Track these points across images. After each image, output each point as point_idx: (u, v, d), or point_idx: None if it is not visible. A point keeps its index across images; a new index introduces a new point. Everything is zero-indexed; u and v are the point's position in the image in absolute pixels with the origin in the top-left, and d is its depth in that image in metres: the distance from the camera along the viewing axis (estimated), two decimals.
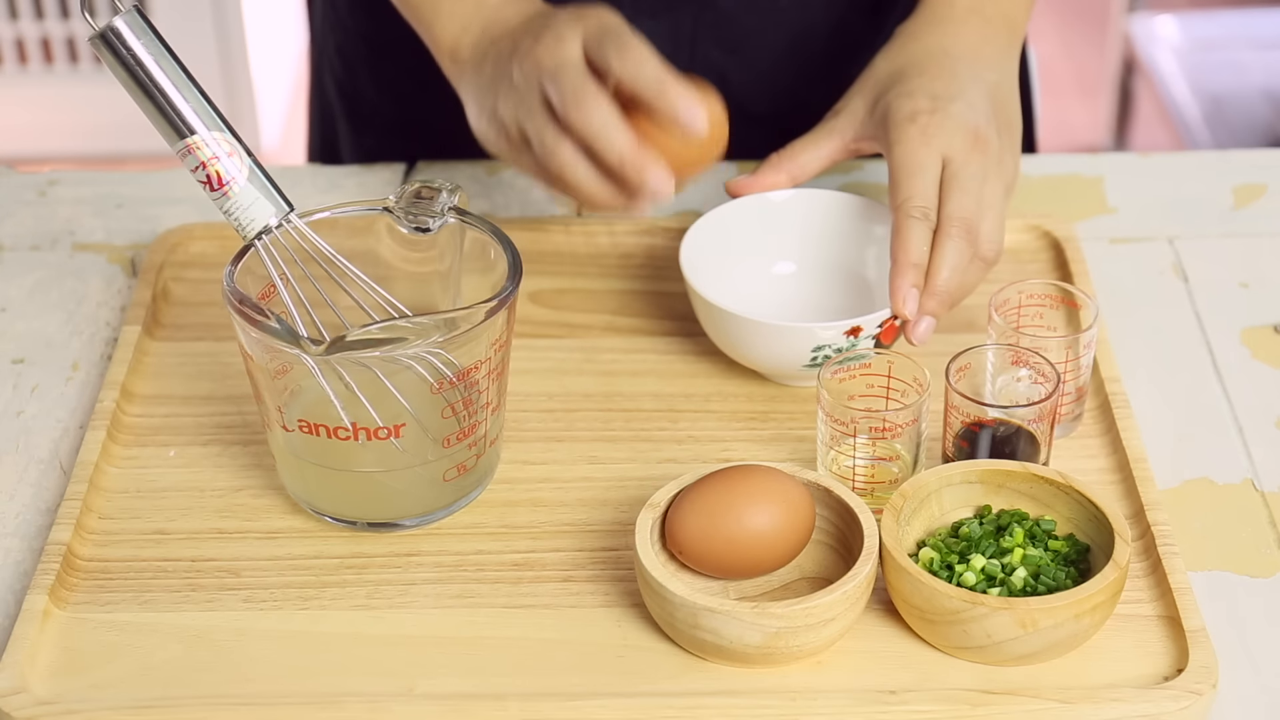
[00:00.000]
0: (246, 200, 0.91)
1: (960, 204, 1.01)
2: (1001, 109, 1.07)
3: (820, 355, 1.02)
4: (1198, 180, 1.27)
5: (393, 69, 1.32)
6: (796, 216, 1.11)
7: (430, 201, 0.98)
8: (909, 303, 1.00)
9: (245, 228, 0.92)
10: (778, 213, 1.11)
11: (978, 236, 1.01)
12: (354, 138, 1.38)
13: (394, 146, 1.32)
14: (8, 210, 1.25)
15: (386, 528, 0.97)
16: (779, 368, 1.04)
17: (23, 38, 2.93)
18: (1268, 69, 2.76)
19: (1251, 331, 1.12)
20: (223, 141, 0.90)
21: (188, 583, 0.95)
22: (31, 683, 0.89)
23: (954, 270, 1.00)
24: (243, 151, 0.91)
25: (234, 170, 0.90)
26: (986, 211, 1.02)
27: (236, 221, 0.92)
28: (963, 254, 1.00)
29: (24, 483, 1.02)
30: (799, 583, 0.94)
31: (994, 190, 1.02)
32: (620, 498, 1.00)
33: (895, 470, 0.97)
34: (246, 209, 0.92)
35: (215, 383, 1.08)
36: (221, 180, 0.90)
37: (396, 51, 1.30)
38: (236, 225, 0.92)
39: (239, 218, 0.92)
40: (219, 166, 0.90)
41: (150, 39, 0.90)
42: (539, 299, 1.14)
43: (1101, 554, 0.91)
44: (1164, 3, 3.08)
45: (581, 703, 0.87)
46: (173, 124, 0.91)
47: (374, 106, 1.35)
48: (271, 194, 0.93)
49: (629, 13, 1.05)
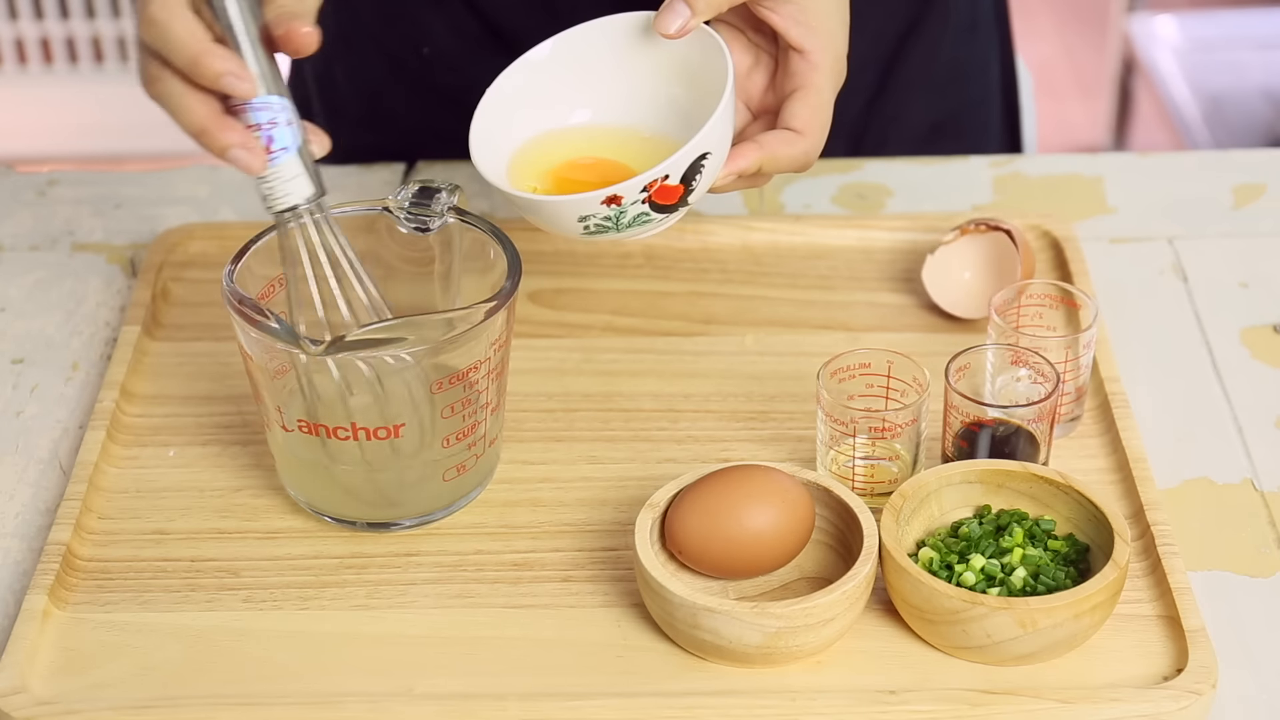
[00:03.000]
0: (288, 174, 0.91)
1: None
2: None
3: (591, 224, 0.95)
4: (1197, 180, 1.27)
5: (361, 60, 1.32)
6: (579, 63, 1.02)
7: (430, 201, 0.98)
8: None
9: (277, 200, 0.91)
10: (553, 68, 1.02)
11: None
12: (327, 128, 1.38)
13: (364, 139, 1.32)
14: (7, 210, 1.25)
15: (386, 528, 0.97)
16: (564, 235, 0.98)
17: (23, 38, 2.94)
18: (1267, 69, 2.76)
19: (1251, 331, 1.12)
20: (284, 109, 0.90)
21: (187, 583, 0.95)
22: (31, 683, 0.89)
23: None
24: (299, 126, 0.91)
25: (284, 141, 0.90)
26: None
27: (270, 190, 0.91)
28: None
29: (24, 483, 1.02)
30: (799, 583, 0.94)
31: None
32: (620, 498, 1.00)
33: (895, 470, 0.97)
34: (285, 182, 0.91)
35: (215, 383, 1.08)
36: (270, 148, 0.90)
37: (366, 45, 1.31)
38: (268, 193, 0.91)
39: (274, 187, 0.91)
40: (273, 134, 0.90)
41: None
42: (539, 299, 1.14)
43: (1101, 554, 0.91)
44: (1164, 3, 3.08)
45: (581, 703, 0.87)
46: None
47: (345, 98, 1.35)
48: (312, 175, 0.92)
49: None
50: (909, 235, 1.18)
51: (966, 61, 1.35)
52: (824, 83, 0.98)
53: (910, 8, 1.29)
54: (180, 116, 0.90)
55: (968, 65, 1.35)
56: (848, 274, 1.16)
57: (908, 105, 1.33)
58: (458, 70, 1.27)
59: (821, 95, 0.98)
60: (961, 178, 1.27)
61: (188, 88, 0.89)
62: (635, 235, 0.97)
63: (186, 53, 0.88)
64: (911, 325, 1.12)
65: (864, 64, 1.29)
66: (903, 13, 1.29)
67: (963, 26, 1.33)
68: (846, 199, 1.25)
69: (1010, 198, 1.25)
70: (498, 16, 1.26)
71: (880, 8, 1.27)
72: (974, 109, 1.37)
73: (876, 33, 1.29)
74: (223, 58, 0.88)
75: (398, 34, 1.29)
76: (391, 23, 1.29)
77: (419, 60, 1.29)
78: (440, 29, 1.27)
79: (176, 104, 0.90)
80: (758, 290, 1.15)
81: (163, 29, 0.88)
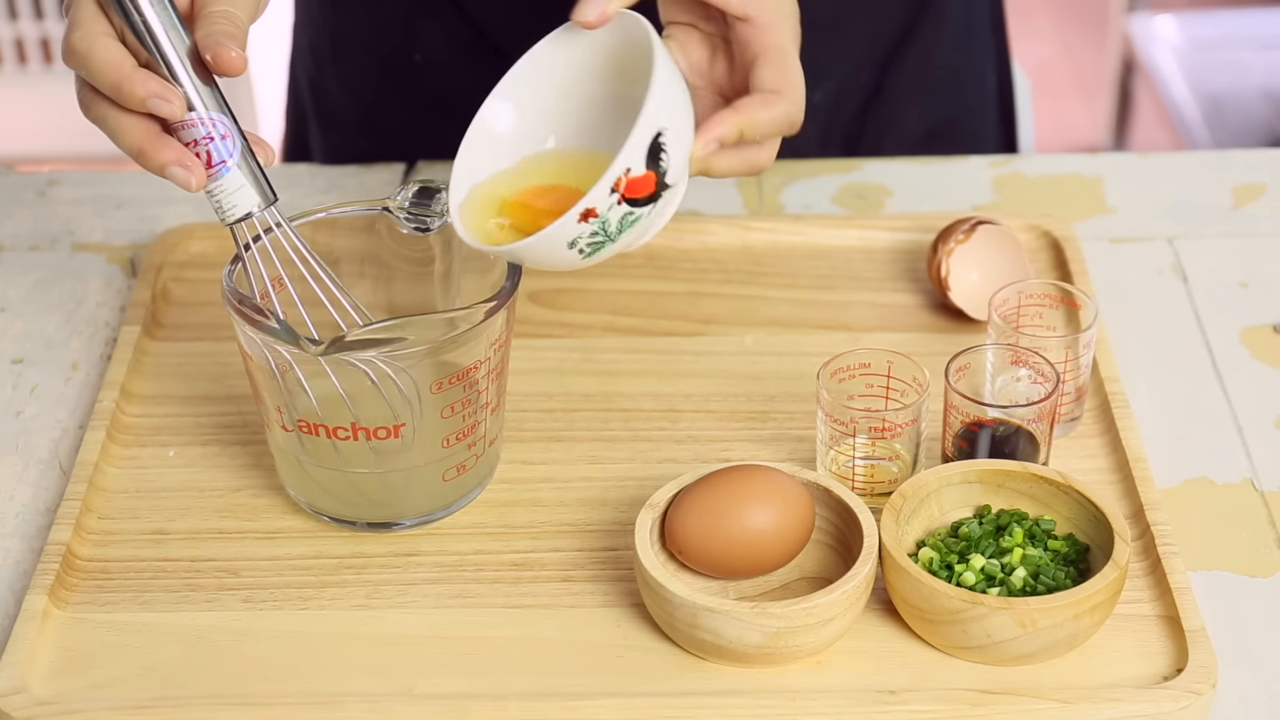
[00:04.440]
0: (232, 185, 0.91)
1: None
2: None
3: (584, 244, 0.91)
4: (1197, 180, 1.27)
5: (353, 66, 1.32)
6: (538, 89, 0.98)
7: (430, 201, 0.98)
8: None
9: (226, 212, 0.92)
10: (519, 95, 0.99)
11: None
12: (321, 134, 1.38)
13: (356, 144, 1.32)
14: (7, 210, 1.25)
15: (386, 528, 0.97)
16: (565, 269, 0.95)
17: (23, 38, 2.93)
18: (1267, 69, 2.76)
19: (1251, 331, 1.12)
20: (218, 123, 0.90)
21: (187, 583, 0.95)
22: (31, 683, 0.89)
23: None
24: (237, 137, 0.91)
25: (223, 154, 0.90)
26: None
27: (218, 204, 0.92)
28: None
29: (24, 483, 1.02)
30: (799, 583, 0.94)
31: None
32: (620, 498, 1.00)
33: (895, 470, 0.97)
34: (231, 194, 0.91)
35: (215, 383, 1.08)
36: (210, 162, 0.90)
37: (357, 50, 1.31)
38: (217, 208, 0.92)
39: (221, 201, 0.92)
40: (210, 148, 0.90)
41: (165, 11, 0.89)
42: (538, 299, 1.14)
43: (1101, 554, 0.91)
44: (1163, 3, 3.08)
45: (581, 703, 0.87)
46: None
47: (338, 103, 1.35)
48: (259, 183, 0.92)
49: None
50: (909, 235, 1.18)
51: (963, 68, 1.35)
52: (782, 41, 0.95)
53: (906, 12, 1.29)
54: (117, 139, 0.90)
55: (964, 71, 1.35)
56: (848, 274, 1.16)
57: (903, 111, 1.33)
58: (450, 76, 1.28)
59: (784, 54, 0.95)
60: (961, 178, 1.27)
61: (120, 111, 0.89)
62: (635, 239, 0.94)
63: (110, 80, 0.88)
64: (911, 325, 1.12)
65: (859, 67, 1.30)
66: (899, 17, 1.29)
67: (959, 32, 1.33)
68: (846, 199, 1.25)
69: (1010, 198, 1.25)
70: (489, 24, 1.26)
71: (876, 11, 1.27)
72: (970, 115, 1.37)
73: (872, 36, 1.29)
74: (145, 81, 0.87)
75: (390, 41, 1.29)
76: (384, 30, 1.29)
77: (411, 67, 1.29)
78: (432, 36, 1.28)
79: (113, 127, 0.90)
80: (757, 290, 1.15)
81: (84, 58, 0.88)
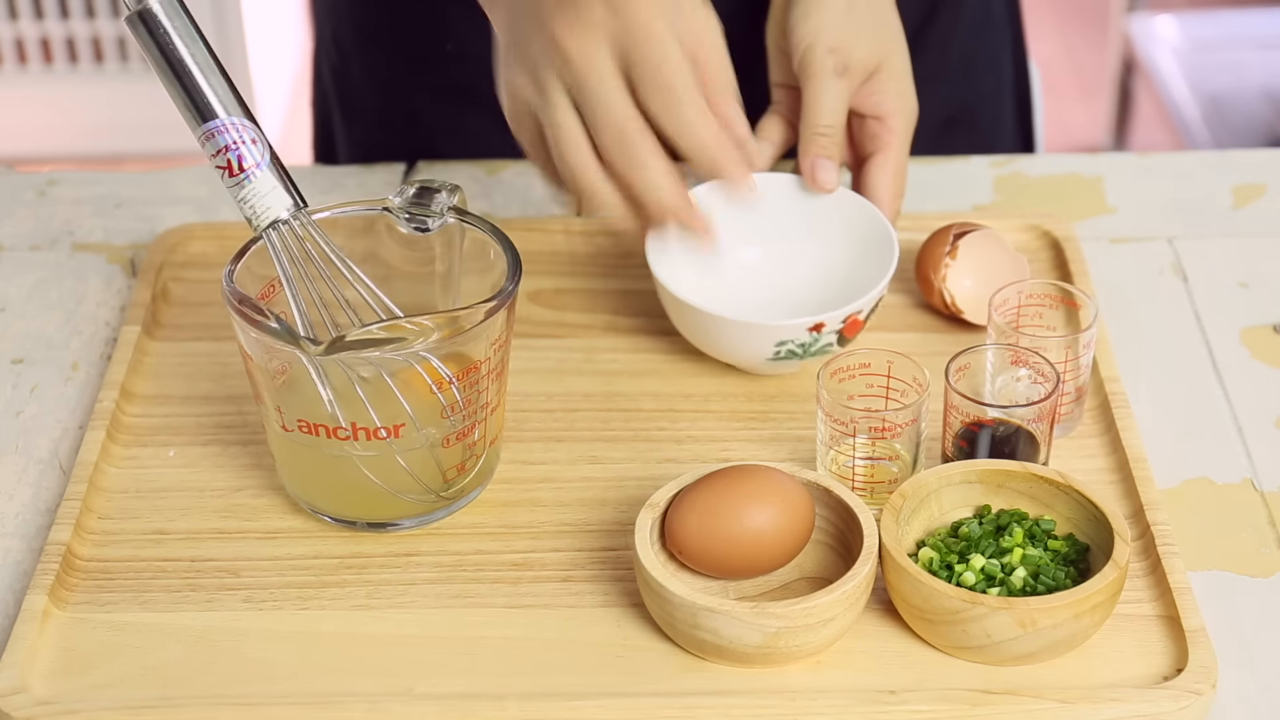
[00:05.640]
0: (264, 188, 0.91)
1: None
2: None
3: (784, 350, 1.02)
4: (1197, 180, 1.27)
5: (380, 58, 1.32)
6: (762, 201, 1.08)
7: (430, 201, 0.98)
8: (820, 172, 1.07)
9: (259, 216, 0.92)
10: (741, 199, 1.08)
11: None
12: (345, 126, 1.38)
13: (382, 136, 1.32)
14: (7, 210, 1.25)
15: (386, 528, 0.97)
16: (744, 361, 1.05)
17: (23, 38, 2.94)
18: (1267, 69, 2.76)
19: (1251, 331, 1.12)
20: (246, 128, 0.90)
21: (187, 583, 0.95)
22: (31, 683, 0.89)
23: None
24: (264, 141, 0.91)
25: (255, 158, 0.90)
26: None
27: (251, 210, 0.92)
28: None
29: (24, 483, 1.02)
30: (799, 583, 0.94)
31: None
32: (620, 498, 1.00)
33: (895, 470, 0.97)
34: (263, 197, 0.91)
35: (215, 383, 1.08)
36: (242, 166, 0.90)
37: (384, 40, 1.31)
38: (250, 214, 0.92)
39: (254, 205, 0.92)
40: (241, 152, 0.90)
41: (183, 21, 0.90)
42: (539, 299, 1.14)
43: (1101, 554, 0.91)
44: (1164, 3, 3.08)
45: (581, 703, 0.87)
46: (199, 107, 0.91)
47: (363, 95, 1.35)
48: (288, 187, 0.93)
49: None
50: (909, 235, 1.17)
51: (980, 55, 1.35)
52: (903, 142, 1.09)
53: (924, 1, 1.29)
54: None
55: (981, 59, 1.36)
56: None
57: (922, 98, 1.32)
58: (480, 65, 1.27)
59: (901, 156, 1.09)
60: (961, 178, 1.27)
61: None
62: (796, 367, 1.05)
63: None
64: (911, 325, 1.12)
65: None
66: (917, 5, 1.29)
67: (976, 20, 1.34)
68: None
69: (1010, 198, 1.25)
70: None
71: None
72: (988, 102, 1.38)
73: None
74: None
75: (421, 30, 1.29)
76: (415, 19, 1.29)
77: (440, 56, 1.29)
78: (465, 24, 1.27)
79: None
80: None
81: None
